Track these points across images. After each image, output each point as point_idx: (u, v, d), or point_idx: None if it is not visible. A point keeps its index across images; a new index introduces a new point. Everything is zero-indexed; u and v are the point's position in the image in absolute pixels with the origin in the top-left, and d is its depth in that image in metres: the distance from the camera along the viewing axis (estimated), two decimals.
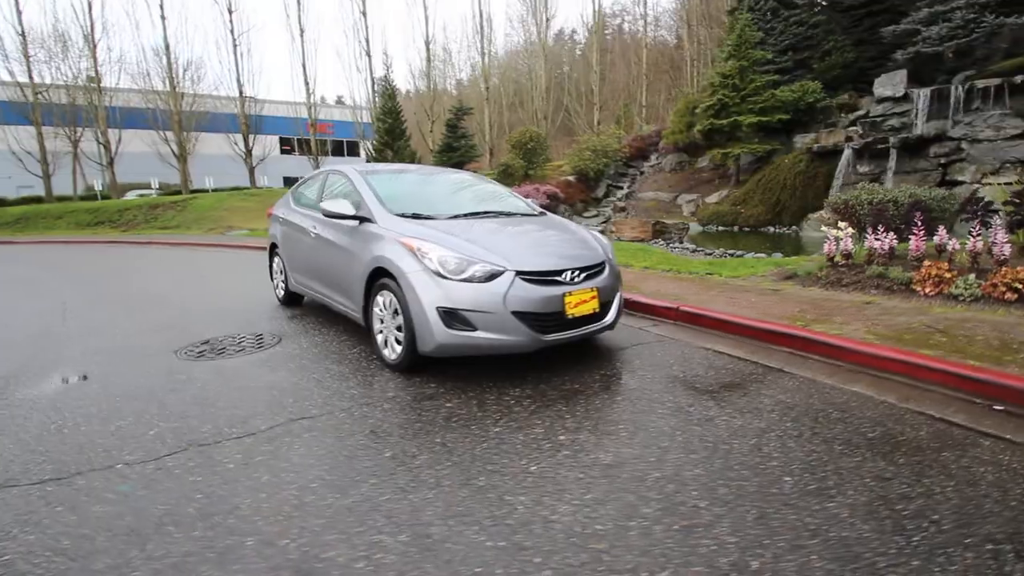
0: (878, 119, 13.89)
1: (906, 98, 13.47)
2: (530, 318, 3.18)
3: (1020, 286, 4.20)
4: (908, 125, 13.25)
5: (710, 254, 8.79)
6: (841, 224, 5.88)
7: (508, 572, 1.65)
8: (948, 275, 4.63)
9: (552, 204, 15.71)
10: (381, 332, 3.65)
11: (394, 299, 3.43)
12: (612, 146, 18.74)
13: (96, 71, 22.91)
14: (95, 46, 22.98)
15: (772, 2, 19.64)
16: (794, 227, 14.24)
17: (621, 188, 19.23)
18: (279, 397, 3.09)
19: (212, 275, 8.48)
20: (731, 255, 8.34)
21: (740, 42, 15.30)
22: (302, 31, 26.67)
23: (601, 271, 3.62)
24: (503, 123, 29.81)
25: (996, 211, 4.81)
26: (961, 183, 10.55)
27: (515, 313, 3.14)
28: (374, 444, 2.50)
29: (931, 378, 3.23)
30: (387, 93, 20.72)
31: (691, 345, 4.08)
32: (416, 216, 3.80)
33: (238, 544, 1.79)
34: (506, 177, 18.70)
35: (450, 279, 3.16)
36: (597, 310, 3.49)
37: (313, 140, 26.20)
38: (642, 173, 19.92)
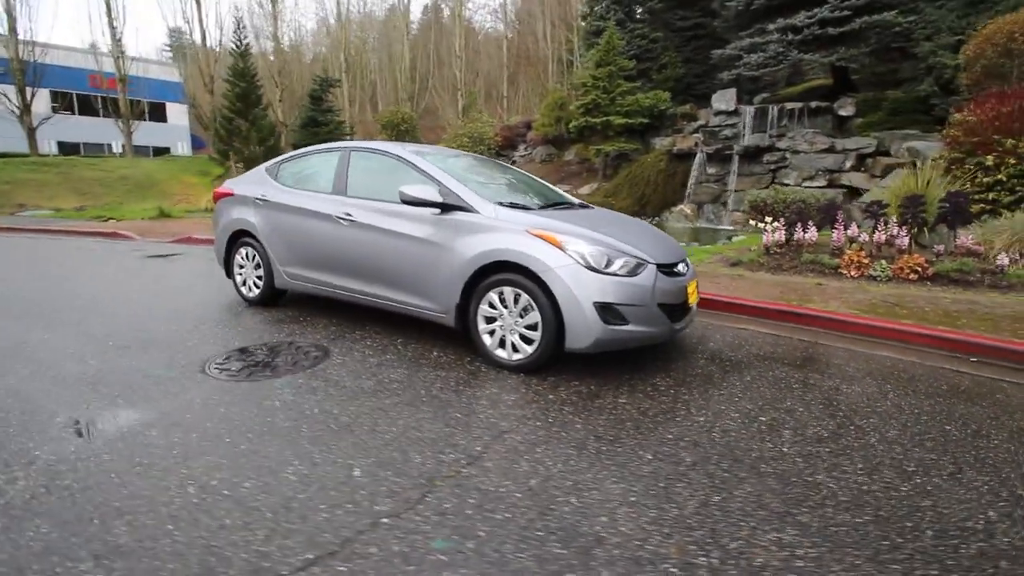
0: (716, 129, 16.59)
1: (736, 112, 16.33)
2: (668, 309, 3.29)
3: (920, 269, 5.62)
4: (738, 136, 16.11)
5: None
6: (767, 219, 7.06)
7: (895, 543, 1.82)
8: (866, 261, 5.96)
9: None
10: (492, 332, 3.37)
11: (522, 295, 3.20)
12: (488, 134, 19.00)
13: None
14: None
15: (620, 14, 21.86)
16: (656, 218, 16.28)
17: None
18: (440, 413, 2.69)
19: (74, 270, 6.52)
20: None
21: (608, 48, 16.75)
22: None
23: (687, 262, 3.87)
24: (362, 100, 27.73)
25: (885, 212, 6.30)
26: (787, 185, 13.29)
27: (660, 305, 3.22)
28: (621, 450, 2.39)
29: (919, 341, 4.19)
30: (239, 51, 17.52)
31: (725, 327, 4.58)
32: (514, 205, 3.57)
33: (661, 574, 1.62)
34: None
35: (602, 273, 3.09)
36: (696, 299, 3.74)
37: (123, 99, 20.94)
38: (514, 163, 20.58)
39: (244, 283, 4.87)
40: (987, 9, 12.35)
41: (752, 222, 7.36)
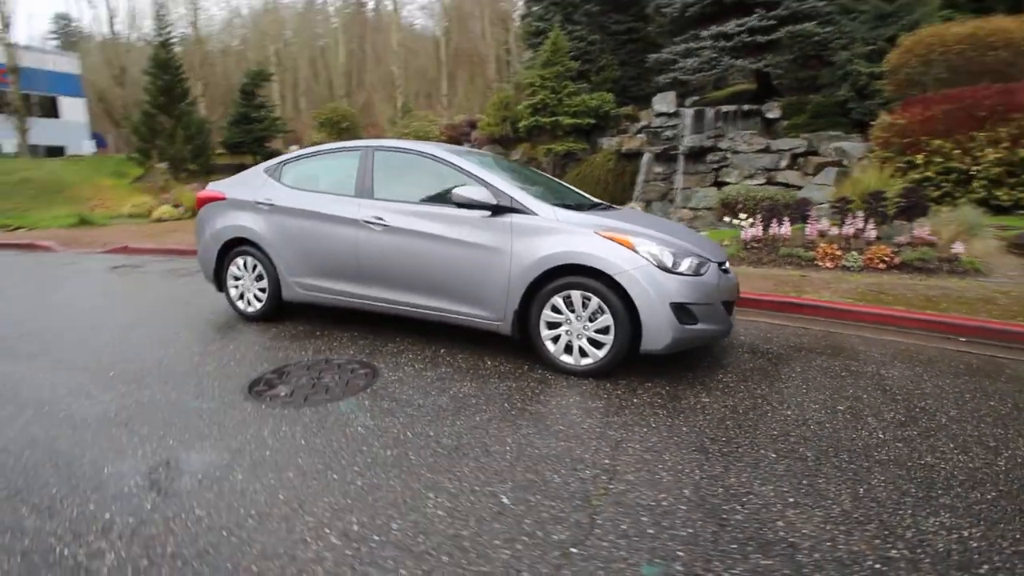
0: (658, 129, 17.28)
1: (676, 114, 17.10)
2: (728, 306, 3.35)
3: (887, 259, 6.15)
4: (679, 136, 16.89)
5: None
6: (742, 215, 7.46)
7: None
8: (838, 253, 6.44)
9: None
10: (556, 339, 3.27)
11: (592, 298, 3.13)
12: (433, 132, 18.63)
13: None
14: None
15: (559, 16, 22.23)
16: None
17: None
18: (542, 428, 2.56)
19: (1, 290, 5.62)
20: None
21: (555, 49, 16.99)
22: None
23: None
24: (292, 97, 25.94)
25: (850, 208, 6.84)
26: (728, 183, 14.11)
27: (723, 302, 3.27)
28: (742, 451, 2.39)
29: (915, 325, 4.58)
30: (162, 40, 15.67)
31: (739, 320, 4.76)
32: (567, 206, 3.48)
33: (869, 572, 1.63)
34: None
35: (673, 273, 3.09)
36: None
37: (16, 92, 18.20)
38: None
39: (241, 297, 4.41)
40: (894, 23, 13.78)
41: (726, 218, 7.73)
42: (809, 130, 15.05)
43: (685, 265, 3.15)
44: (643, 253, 3.09)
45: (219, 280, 4.51)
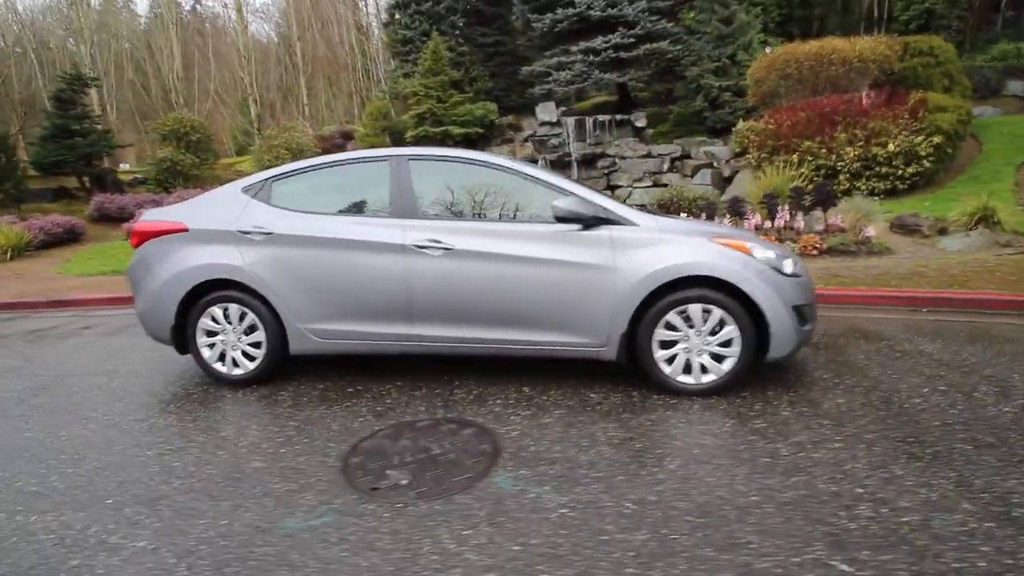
0: (544, 138, 17.83)
1: (559, 123, 17.81)
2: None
3: (817, 246, 6.94)
4: (563, 144, 17.61)
5: None
6: (682, 215, 7.89)
7: None
8: (776, 243, 7.11)
9: None
10: (671, 359, 2.97)
11: (714, 310, 2.90)
12: (307, 144, 16.96)
13: None
14: None
15: (425, 25, 21.82)
16: None
17: None
18: (744, 465, 2.25)
19: None
20: None
21: (436, 58, 16.58)
22: None
23: None
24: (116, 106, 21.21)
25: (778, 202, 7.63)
26: (620, 187, 15.07)
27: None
28: (943, 451, 2.35)
29: (881, 302, 5.18)
30: None
31: None
32: (653, 213, 3.22)
33: None
34: (173, 176, 14.21)
35: (785, 275, 3.00)
36: None
37: None
38: None
39: (221, 357, 3.34)
40: (731, 43, 15.93)
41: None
42: (674, 137, 16.70)
43: (790, 266, 3.09)
44: (760, 257, 2.95)
45: (181, 339, 3.37)
